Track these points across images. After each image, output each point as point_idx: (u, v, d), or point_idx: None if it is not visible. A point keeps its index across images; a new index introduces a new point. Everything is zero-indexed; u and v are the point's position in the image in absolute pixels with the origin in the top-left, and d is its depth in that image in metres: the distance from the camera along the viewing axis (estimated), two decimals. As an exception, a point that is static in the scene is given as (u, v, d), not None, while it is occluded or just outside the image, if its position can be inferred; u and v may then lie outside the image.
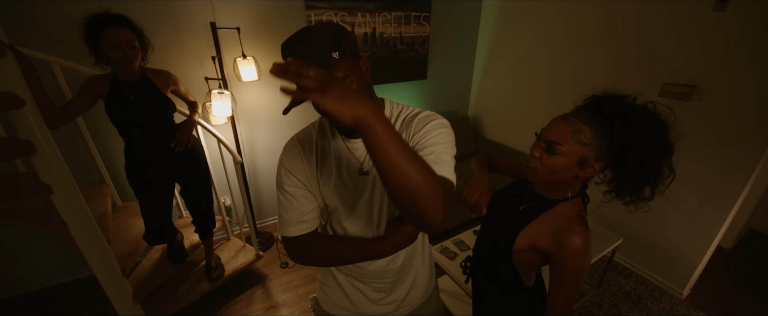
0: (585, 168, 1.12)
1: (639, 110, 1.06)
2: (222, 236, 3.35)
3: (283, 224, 1.12)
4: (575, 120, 1.09)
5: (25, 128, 1.28)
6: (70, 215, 1.51)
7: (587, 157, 1.09)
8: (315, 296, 2.92)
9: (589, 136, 1.07)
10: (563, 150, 1.10)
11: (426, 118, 1.09)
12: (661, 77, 2.70)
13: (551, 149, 1.12)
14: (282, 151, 1.15)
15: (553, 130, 1.13)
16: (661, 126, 1.06)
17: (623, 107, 1.06)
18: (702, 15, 2.42)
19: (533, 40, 3.71)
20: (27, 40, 2.39)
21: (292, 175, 1.11)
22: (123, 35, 1.93)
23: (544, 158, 1.15)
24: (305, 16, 3.22)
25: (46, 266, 3.03)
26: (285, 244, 1.14)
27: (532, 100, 3.90)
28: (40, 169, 1.36)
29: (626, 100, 1.09)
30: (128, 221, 2.72)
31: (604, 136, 1.07)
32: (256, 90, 3.31)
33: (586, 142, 1.07)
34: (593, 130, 1.07)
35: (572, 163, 1.11)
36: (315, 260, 1.15)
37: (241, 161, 2.73)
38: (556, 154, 1.11)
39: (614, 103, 1.08)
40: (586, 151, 1.08)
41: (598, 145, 1.08)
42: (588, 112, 1.10)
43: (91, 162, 2.81)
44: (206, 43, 2.93)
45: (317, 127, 1.17)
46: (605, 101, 1.10)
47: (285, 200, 1.11)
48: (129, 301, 2.00)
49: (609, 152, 1.09)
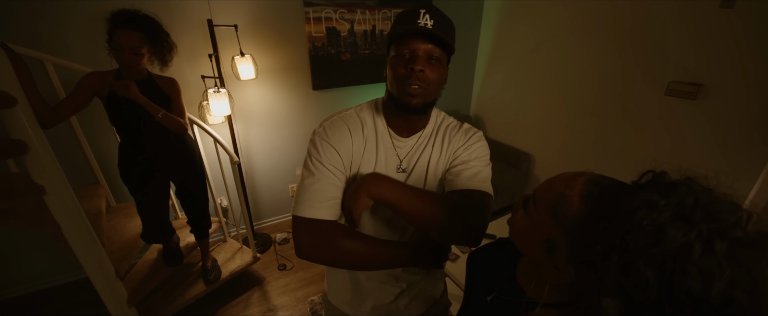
0: (553, 258, 0.71)
1: (730, 243, 0.52)
2: (219, 238, 3.32)
3: (304, 203, 0.98)
4: (581, 183, 0.69)
5: (18, 128, 1.27)
6: (64, 216, 1.50)
7: (554, 243, 0.70)
8: (313, 299, 2.91)
9: (571, 216, 0.67)
10: (531, 211, 0.75)
11: (468, 131, 1.17)
12: (667, 75, 2.65)
13: (525, 202, 0.79)
14: (323, 126, 1.08)
15: (551, 179, 0.76)
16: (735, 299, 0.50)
17: (698, 223, 0.54)
18: (709, 12, 2.38)
19: (537, 38, 3.67)
20: (19, 38, 2.35)
21: (334, 150, 1.04)
22: (130, 41, 1.92)
23: (518, 213, 0.81)
24: (303, 13, 3.18)
25: (39, 268, 2.98)
26: (300, 228, 0.98)
27: (536, 99, 3.85)
28: (33, 169, 1.35)
29: (721, 214, 0.55)
30: (123, 223, 2.68)
31: (595, 235, 0.61)
32: (253, 89, 3.27)
33: (563, 220, 0.68)
34: (582, 213, 0.66)
35: (536, 237, 0.74)
36: (329, 253, 1.00)
37: (238, 161, 2.70)
38: (526, 212, 0.77)
39: (683, 204, 0.56)
40: (556, 234, 0.69)
41: (577, 238, 0.66)
42: (615, 189, 0.66)
43: (85, 162, 2.76)
44: (203, 41, 2.89)
45: (364, 115, 1.14)
46: (667, 190, 0.58)
47: (318, 174, 1.00)
48: (124, 304, 2.00)
49: (588, 265, 0.62)
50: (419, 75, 0.95)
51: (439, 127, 1.16)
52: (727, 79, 2.38)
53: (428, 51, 0.96)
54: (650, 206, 0.55)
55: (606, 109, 3.12)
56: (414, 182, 1.11)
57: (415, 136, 1.13)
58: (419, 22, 0.93)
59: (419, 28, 0.93)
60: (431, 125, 1.15)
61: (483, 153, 1.14)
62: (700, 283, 0.50)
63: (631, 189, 0.62)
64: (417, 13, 0.94)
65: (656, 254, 0.52)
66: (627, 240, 0.55)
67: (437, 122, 1.17)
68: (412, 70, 0.94)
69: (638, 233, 0.54)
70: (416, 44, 0.95)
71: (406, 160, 1.12)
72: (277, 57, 3.26)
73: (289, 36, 3.23)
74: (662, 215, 0.54)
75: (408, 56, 0.97)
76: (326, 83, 3.55)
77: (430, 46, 0.96)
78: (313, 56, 3.37)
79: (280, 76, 3.34)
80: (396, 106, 1.04)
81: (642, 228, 0.54)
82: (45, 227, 1.57)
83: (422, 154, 1.12)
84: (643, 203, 0.56)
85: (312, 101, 3.58)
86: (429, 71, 0.96)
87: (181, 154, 2.36)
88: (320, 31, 3.31)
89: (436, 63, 0.98)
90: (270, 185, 3.74)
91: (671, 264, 0.52)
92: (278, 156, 3.63)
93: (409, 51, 0.96)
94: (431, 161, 1.12)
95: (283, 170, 3.72)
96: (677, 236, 0.52)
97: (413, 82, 0.95)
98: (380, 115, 1.13)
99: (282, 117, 3.51)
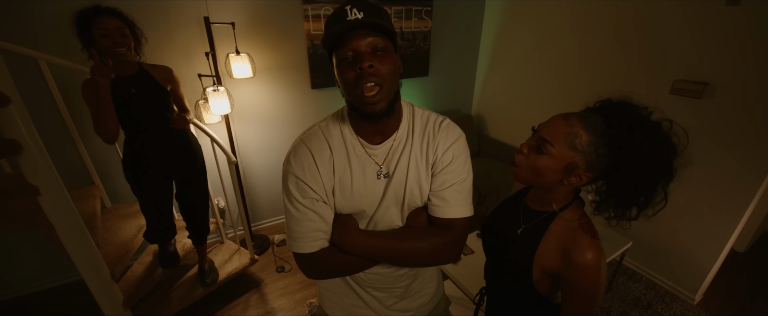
0: (571, 176, 1.03)
1: (649, 126, 0.96)
2: (216, 239, 3.28)
3: (296, 240, 1.04)
4: (576, 121, 1.00)
5: (11, 127, 1.23)
6: (58, 218, 1.47)
7: (576, 164, 1.00)
8: (312, 301, 2.87)
9: (585, 143, 0.98)
10: (553, 151, 1.01)
11: (448, 131, 1.12)
12: (672, 74, 2.63)
13: (540, 148, 1.03)
14: (289, 157, 1.07)
15: (549, 127, 1.04)
16: (668, 148, 0.95)
17: (633, 119, 0.96)
18: (715, 10, 2.35)
19: (539, 36, 3.64)
20: (13, 36, 2.32)
21: (305, 184, 1.02)
22: (113, 23, 1.91)
23: (531, 156, 1.06)
24: (302, 11, 3.15)
25: (33, 270, 2.95)
26: (299, 261, 1.08)
27: (539, 98, 3.83)
28: (27, 169, 1.31)
29: (639, 112, 0.99)
30: (118, 224, 2.63)
31: (601, 147, 0.97)
32: (251, 88, 3.23)
33: (580, 148, 0.98)
34: (591, 138, 0.98)
35: (558, 167, 1.02)
36: (337, 272, 1.12)
37: (235, 161, 2.66)
38: (544, 154, 1.03)
39: (624, 112, 0.99)
40: (577, 158, 1.00)
41: (592, 154, 0.98)
42: (594, 117, 1.01)
43: (80, 162, 2.71)
44: (199, 39, 2.85)
45: (330, 129, 1.09)
46: (615, 109, 1.01)
47: (298, 214, 1.03)
48: (119, 306, 1.97)
49: (602, 165, 0.99)
50: (370, 71, 0.89)
51: (415, 125, 1.11)
52: (734, 77, 2.35)
53: (370, 44, 0.90)
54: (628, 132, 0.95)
55: (609, 108, 3.06)
56: (395, 187, 1.08)
57: (389, 140, 1.07)
58: (349, 18, 0.88)
59: (351, 22, 0.87)
60: (405, 124, 1.10)
61: (465, 159, 1.12)
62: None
63: (602, 113, 1.03)
64: (344, 11, 0.89)
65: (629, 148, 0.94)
66: (618, 145, 0.95)
67: (411, 120, 1.12)
68: (361, 69, 0.88)
69: (623, 141, 0.95)
70: (355, 41, 0.89)
71: (385, 164, 1.08)
72: (275, 55, 3.22)
73: (287, 34, 3.19)
74: (635, 138, 0.94)
75: (352, 57, 0.91)
76: (325, 82, 3.52)
77: (371, 39, 0.90)
78: (311, 54, 3.34)
79: (278, 74, 3.30)
80: (361, 116, 0.99)
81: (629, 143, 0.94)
82: (39, 229, 1.54)
83: (401, 156, 1.08)
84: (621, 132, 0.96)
85: (311, 100, 3.55)
86: (379, 64, 0.90)
87: (186, 152, 2.37)
88: (319, 29, 3.27)
89: (383, 54, 0.92)
90: (268, 186, 3.70)
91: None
92: (276, 156, 3.58)
93: (351, 51, 0.91)
94: (411, 162, 1.07)
95: (281, 170, 3.61)
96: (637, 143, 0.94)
97: (367, 81, 0.89)
98: (346, 125, 1.08)
99: (280, 116, 3.47)
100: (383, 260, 1.08)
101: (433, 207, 1.09)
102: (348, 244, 1.03)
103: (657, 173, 0.95)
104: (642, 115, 0.98)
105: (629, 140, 0.94)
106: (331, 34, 0.90)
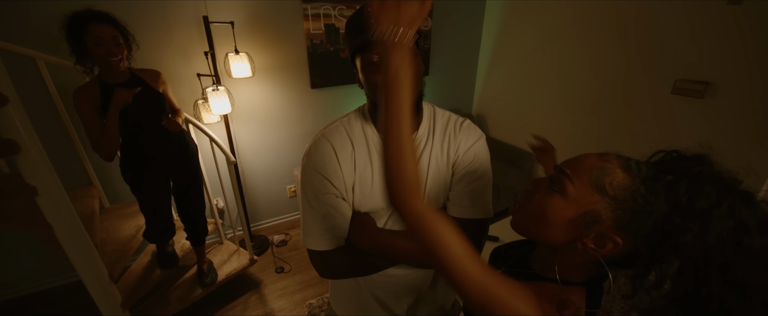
0: (589, 233, 0.71)
1: (739, 194, 0.64)
2: (215, 240, 3.27)
3: (312, 236, 1.04)
4: (613, 158, 0.72)
5: (9, 127, 1.21)
6: (56, 218, 1.44)
7: (598, 216, 0.70)
8: (312, 302, 2.86)
9: (618, 186, 0.68)
10: (570, 189, 0.73)
11: (469, 132, 1.11)
12: (673, 73, 2.62)
13: (554, 183, 0.76)
14: (309, 151, 1.06)
15: (575, 161, 0.76)
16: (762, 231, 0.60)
17: (702, 175, 0.68)
18: (716, 9, 2.34)
19: (539, 36, 3.63)
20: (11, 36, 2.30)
21: (325, 179, 1.01)
22: (107, 31, 1.88)
23: (539, 194, 0.78)
24: (302, 10, 3.13)
25: (31, 271, 2.93)
26: (313, 258, 1.07)
27: (540, 98, 3.81)
28: (25, 169, 1.29)
29: (715, 173, 0.69)
30: (116, 224, 2.62)
31: (643, 198, 0.66)
32: (250, 87, 3.21)
33: (610, 191, 0.69)
34: (629, 182, 0.68)
35: (573, 214, 0.72)
36: (352, 272, 1.11)
37: (234, 161, 2.65)
38: (557, 192, 0.75)
39: (697, 164, 0.70)
40: (601, 206, 0.69)
41: (626, 203, 0.68)
42: (642, 163, 0.73)
43: (78, 162, 2.70)
44: (198, 38, 2.83)
45: (352, 126, 1.09)
46: (681, 161, 0.73)
47: (316, 209, 1.02)
48: (118, 307, 1.93)
49: (640, 229, 0.68)
50: None
51: (435, 124, 1.11)
52: (736, 77, 2.35)
53: None
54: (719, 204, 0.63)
55: (610, 107, 3.08)
56: None
57: None
58: None
59: None
60: (426, 124, 1.10)
61: (485, 160, 1.12)
62: None
63: (663, 169, 0.72)
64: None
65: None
66: (707, 228, 0.62)
67: (431, 119, 1.12)
68: None
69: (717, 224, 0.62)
70: None
71: None
72: (275, 54, 3.20)
73: (286, 33, 3.18)
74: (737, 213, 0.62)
75: (378, 61, 0.91)
76: (325, 81, 3.49)
77: None
78: (311, 54, 3.32)
79: (278, 74, 3.28)
80: None
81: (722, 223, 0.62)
82: (36, 229, 1.53)
83: (422, 155, 1.08)
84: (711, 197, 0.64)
85: (310, 100, 3.53)
86: None
87: (183, 153, 2.36)
88: (319, 28, 3.26)
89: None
90: (267, 186, 3.68)
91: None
92: (276, 156, 3.57)
93: (377, 54, 0.91)
94: (431, 162, 1.08)
95: (280, 170, 3.66)
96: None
97: None
98: (368, 122, 1.08)
99: (280, 116, 3.45)
100: (402, 260, 1.06)
101: (452, 207, 1.09)
102: (366, 242, 1.02)
103: (748, 272, 0.60)
104: (724, 176, 0.68)
105: (695, 197, 0.64)
106: (358, 43, 0.91)
